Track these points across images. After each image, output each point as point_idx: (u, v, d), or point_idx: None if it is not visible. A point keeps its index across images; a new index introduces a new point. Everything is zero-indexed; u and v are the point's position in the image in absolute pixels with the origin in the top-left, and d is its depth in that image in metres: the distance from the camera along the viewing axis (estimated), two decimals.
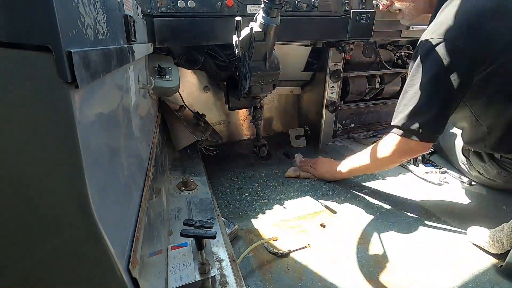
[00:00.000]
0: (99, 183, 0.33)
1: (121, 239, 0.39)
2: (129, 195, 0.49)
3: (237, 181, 1.27)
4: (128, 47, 0.52)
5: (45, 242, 0.31)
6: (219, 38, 1.08)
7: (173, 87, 1.08)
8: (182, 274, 0.56)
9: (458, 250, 0.87)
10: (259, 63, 1.07)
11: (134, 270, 0.38)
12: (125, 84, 0.54)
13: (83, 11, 0.30)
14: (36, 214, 0.29)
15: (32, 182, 0.28)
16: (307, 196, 1.15)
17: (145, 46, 0.81)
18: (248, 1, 1.08)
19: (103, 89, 0.39)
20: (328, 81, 1.52)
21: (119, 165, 0.44)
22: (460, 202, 1.10)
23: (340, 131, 1.75)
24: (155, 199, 0.74)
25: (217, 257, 0.72)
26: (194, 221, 0.62)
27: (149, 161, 0.76)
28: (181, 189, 1.04)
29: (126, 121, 0.52)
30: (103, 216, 0.32)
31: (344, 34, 1.23)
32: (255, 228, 0.97)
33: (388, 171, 1.33)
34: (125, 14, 0.52)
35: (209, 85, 1.63)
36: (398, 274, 0.79)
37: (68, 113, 0.27)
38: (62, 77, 0.25)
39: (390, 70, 1.69)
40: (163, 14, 0.99)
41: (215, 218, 0.89)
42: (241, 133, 1.80)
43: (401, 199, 1.12)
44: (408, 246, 0.88)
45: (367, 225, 0.98)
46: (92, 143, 0.32)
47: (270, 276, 0.78)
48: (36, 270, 0.32)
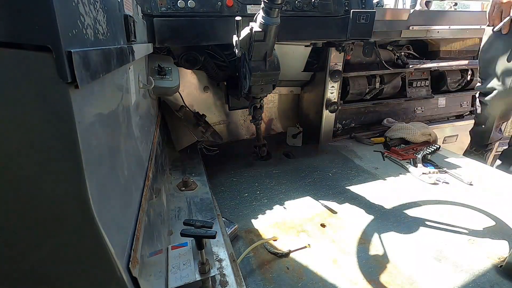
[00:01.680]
0: (99, 183, 0.33)
1: (121, 239, 0.39)
2: (129, 195, 0.49)
3: (237, 181, 1.27)
4: (128, 47, 0.52)
5: (45, 242, 0.31)
6: (219, 38, 1.08)
7: (173, 87, 1.08)
8: (182, 274, 0.56)
9: (458, 250, 0.87)
10: (259, 63, 1.07)
11: (134, 269, 0.38)
12: (125, 84, 0.54)
13: (83, 11, 0.30)
14: (36, 214, 0.29)
15: (32, 182, 0.28)
16: (307, 196, 1.15)
17: (145, 46, 0.81)
18: (248, 1, 1.08)
19: (103, 89, 0.39)
20: (328, 81, 1.53)
21: (119, 165, 0.44)
22: (460, 202, 1.10)
23: (340, 131, 1.75)
24: (155, 199, 0.74)
25: (217, 257, 0.72)
26: (194, 221, 0.62)
27: (149, 161, 0.76)
28: (181, 189, 1.04)
29: (126, 121, 0.52)
30: (103, 216, 0.32)
31: (344, 34, 1.23)
32: (255, 228, 0.97)
33: (388, 171, 1.33)
34: (125, 14, 0.52)
35: (209, 85, 1.63)
36: (398, 274, 0.79)
37: (68, 113, 0.27)
38: (62, 77, 0.25)
39: (390, 70, 1.69)
40: (163, 14, 0.99)
41: (215, 218, 0.89)
42: (241, 133, 1.80)
43: (401, 199, 1.12)
44: (408, 246, 0.88)
45: (367, 225, 0.98)
46: (92, 143, 0.32)
47: (270, 276, 0.78)
48: (36, 270, 0.32)
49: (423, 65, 1.78)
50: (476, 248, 0.87)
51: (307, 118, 1.78)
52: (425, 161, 1.40)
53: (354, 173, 1.33)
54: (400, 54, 1.75)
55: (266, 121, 1.85)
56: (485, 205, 1.07)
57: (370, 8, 1.22)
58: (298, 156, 1.53)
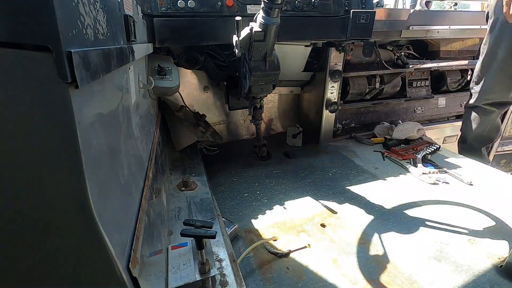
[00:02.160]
0: (99, 183, 0.33)
1: (121, 239, 0.39)
2: (129, 195, 0.49)
3: (237, 181, 1.27)
4: (128, 47, 0.52)
5: (45, 242, 0.31)
6: (219, 38, 1.08)
7: (173, 87, 1.08)
8: (182, 274, 0.56)
9: (458, 250, 0.87)
10: (259, 63, 1.07)
11: (134, 269, 0.38)
12: (125, 84, 0.54)
13: (83, 11, 0.30)
14: (36, 214, 0.29)
15: (32, 182, 0.28)
16: (307, 196, 1.15)
17: (145, 46, 0.81)
18: (248, 1, 1.08)
19: (103, 89, 0.39)
20: (328, 81, 1.53)
21: (119, 165, 0.44)
22: (460, 202, 1.10)
23: (340, 131, 1.75)
24: (155, 199, 0.74)
25: (217, 257, 0.72)
26: (194, 221, 0.62)
27: (149, 161, 0.76)
28: (181, 189, 1.04)
29: (126, 121, 0.52)
30: (103, 215, 0.32)
31: (344, 34, 1.23)
32: (255, 228, 0.97)
33: (388, 171, 1.33)
34: (125, 14, 0.52)
35: (209, 85, 1.63)
36: (398, 274, 0.79)
37: (68, 113, 0.27)
38: (62, 77, 0.25)
39: (390, 70, 1.69)
40: (163, 14, 0.99)
41: (215, 218, 0.89)
42: (241, 133, 1.80)
43: (401, 199, 1.12)
44: (408, 246, 0.88)
45: (367, 225, 0.98)
46: (92, 143, 0.32)
47: (270, 276, 0.78)
48: (36, 269, 0.32)
49: (423, 65, 1.78)
50: (476, 248, 0.87)
51: (307, 118, 1.78)
52: (425, 161, 1.40)
53: (354, 173, 1.33)
54: (400, 54, 1.75)
55: (266, 121, 1.85)
56: (485, 205, 1.07)
57: (370, 8, 1.22)
58: (298, 156, 1.53)
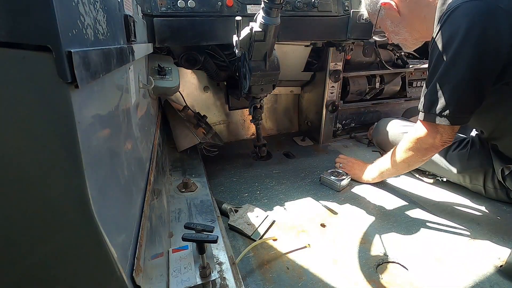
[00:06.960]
0: (100, 184, 0.33)
1: (123, 242, 0.39)
2: (130, 196, 0.49)
3: (237, 181, 1.27)
4: (128, 47, 0.52)
5: (45, 242, 0.31)
6: (219, 38, 1.08)
7: (173, 87, 1.08)
8: (183, 278, 0.56)
9: (458, 250, 0.87)
10: (259, 63, 1.07)
11: (137, 277, 0.38)
12: (125, 84, 0.54)
13: (83, 11, 0.30)
14: (36, 214, 0.29)
15: (32, 183, 0.28)
16: (307, 196, 1.15)
17: (145, 46, 0.81)
18: (248, 1, 1.08)
19: (103, 89, 0.39)
20: (328, 81, 1.52)
21: (119, 166, 0.44)
22: (460, 202, 1.10)
23: (340, 131, 1.75)
24: (156, 201, 0.73)
25: (217, 260, 0.71)
26: (195, 225, 0.61)
27: (150, 163, 0.76)
28: (181, 191, 1.04)
29: (126, 121, 0.52)
30: (104, 217, 0.32)
31: (344, 34, 1.23)
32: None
33: None
34: (125, 14, 0.52)
35: (209, 85, 1.63)
36: (398, 274, 0.79)
37: (68, 113, 0.27)
38: (62, 77, 0.25)
39: (390, 70, 1.69)
40: (163, 14, 0.99)
41: (215, 221, 0.89)
42: (241, 133, 1.80)
43: (401, 199, 1.12)
44: (408, 246, 0.88)
45: (367, 225, 0.98)
46: (92, 143, 0.32)
47: (270, 276, 0.78)
48: (36, 271, 0.32)
49: (423, 65, 1.78)
50: (476, 248, 0.87)
51: (307, 118, 1.78)
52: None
53: None
54: (400, 54, 1.75)
55: (266, 121, 1.85)
56: (485, 205, 1.07)
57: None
58: (298, 156, 1.53)
